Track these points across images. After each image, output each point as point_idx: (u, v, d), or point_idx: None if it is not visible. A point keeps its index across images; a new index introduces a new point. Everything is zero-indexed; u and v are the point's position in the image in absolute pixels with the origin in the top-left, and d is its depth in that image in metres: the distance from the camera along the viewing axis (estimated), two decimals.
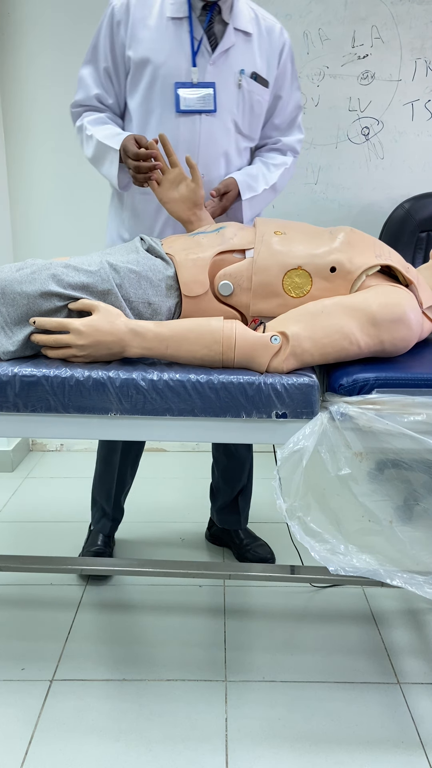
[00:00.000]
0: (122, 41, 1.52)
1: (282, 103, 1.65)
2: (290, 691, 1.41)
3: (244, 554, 1.92)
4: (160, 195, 1.47)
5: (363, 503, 1.10)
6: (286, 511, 1.07)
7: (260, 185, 1.61)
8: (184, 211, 1.46)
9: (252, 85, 1.56)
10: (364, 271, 1.16)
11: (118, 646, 1.55)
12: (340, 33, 2.29)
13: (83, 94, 1.58)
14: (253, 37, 1.56)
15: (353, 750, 1.26)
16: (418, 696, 1.40)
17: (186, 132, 1.53)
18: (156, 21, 1.50)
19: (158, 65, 1.49)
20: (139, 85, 1.53)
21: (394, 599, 1.74)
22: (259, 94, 1.58)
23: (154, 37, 1.49)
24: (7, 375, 1.07)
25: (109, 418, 1.09)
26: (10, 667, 1.48)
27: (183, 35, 1.50)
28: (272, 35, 1.59)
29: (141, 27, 1.50)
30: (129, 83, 1.55)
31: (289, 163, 1.69)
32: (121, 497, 1.91)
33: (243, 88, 1.55)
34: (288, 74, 1.64)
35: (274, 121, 1.67)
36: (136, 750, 1.26)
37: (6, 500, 2.36)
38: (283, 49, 1.61)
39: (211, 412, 1.07)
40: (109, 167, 1.52)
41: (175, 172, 1.45)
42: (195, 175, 1.42)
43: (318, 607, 1.71)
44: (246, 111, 1.58)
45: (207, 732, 1.30)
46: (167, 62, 1.49)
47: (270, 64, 1.59)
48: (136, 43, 1.50)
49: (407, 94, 2.35)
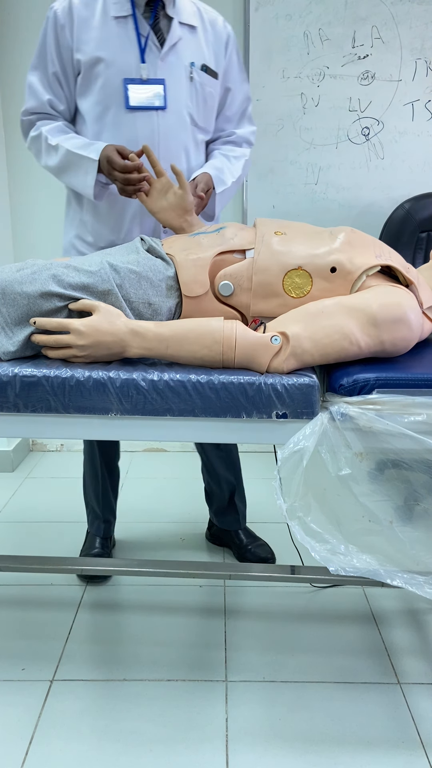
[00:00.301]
0: (68, 45, 1.50)
1: (232, 95, 1.67)
2: (290, 691, 1.41)
3: (244, 554, 1.92)
4: (149, 205, 1.47)
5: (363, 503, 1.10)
6: (287, 511, 1.07)
7: (228, 178, 1.63)
8: (176, 219, 1.47)
9: (203, 77, 1.57)
10: (365, 271, 1.16)
11: (118, 646, 1.55)
12: (340, 33, 2.29)
13: (35, 101, 1.56)
14: (198, 30, 1.57)
15: (354, 750, 1.26)
16: (418, 696, 1.40)
17: (145, 129, 1.53)
18: (100, 21, 1.49)
19: (108, 64, 1.48)
20: (91, 87, 1.51)
21: (395, 599, 1.74)
22: (210, 86, 1.59)
23: (101, 37, 1.49)
24: (7, 375, 1.07)
25: (109, 418, 1.09)
26: (11, 667, 1.48)
27: (129, 33, 1.49)
28: (216, 27, 1.61)
29: (86, 29, 1.49)
30: (80, 86, 1.53)
31: (247, 154, 1.71)
32: (109, 498, 1.91)
33: (195, 81, 1.56)
34: (235, 66, 1.66)
35: (226, 113, 1.68)
36: (136, 750, 1.26)
37: (6, 500, 2.36)
38: (228, 41, 1.63)
39: (211, 412, 1.07)
40: (83, 177, 1.50)
41: (162, 181, 1.45)
42: (181, 181, 1.43)
43: (318, 607, 1.71)
44: (200, 104, 1.59)
45: (207, 732, 1.30)
46: (116, 61, 1.49)
47: (217, 55, 1.60)
48: (83, 45, 1.49)
49: (407, 95, 2.35)
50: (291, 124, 2.39)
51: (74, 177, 1.53)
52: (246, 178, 2.44)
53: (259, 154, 2.42)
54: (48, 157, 1.55)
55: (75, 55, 1.50)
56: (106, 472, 1.88)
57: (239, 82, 1.67)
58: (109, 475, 1.89)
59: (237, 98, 1.68)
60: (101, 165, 1.46)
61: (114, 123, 1.52)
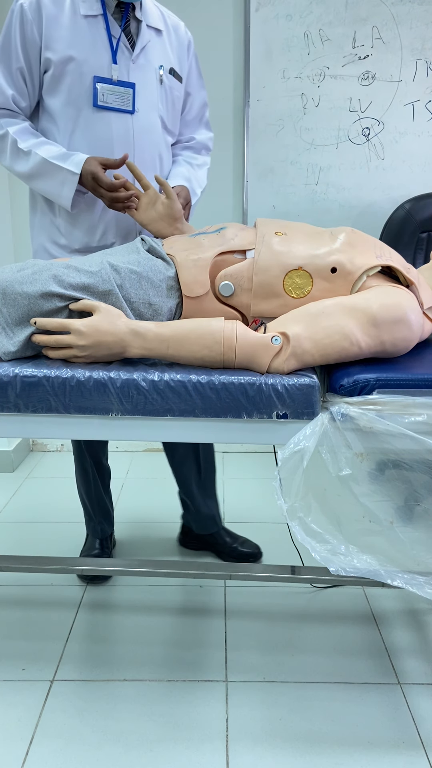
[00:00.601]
0: (36, 41, 1.46)
1: (191, 99, 1.68)
2: (291, 692, 1.41)
3: (231, 554, 1.92)
4: (139, 218, 1.48)
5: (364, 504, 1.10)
6: (287, 512, 1.07)
7: (197, 188, 1.65)
8: (166, 228, 1.48)
9: (171, 80, 1.58)
10: (365, 271, 1.16)
11: (118, 647, 1.55)
12: (340, 34, 2.29)
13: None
14: (164, 33, 1.58)
15: (354, 750, 1.26)
16: (418, 696, 1.40)
17: (119, 130, 1.51)
18: (70, 19, 1.46)
19: (80, 63, 1.46)
20: (61, 85, 1.48)
21: (395, 600, 1.74)
22: (177, 89, 1.61)
23: (71, 35, 1.46)
24: (8, 375, 1.07)
25: (110, 418, 1.09)
26: (11, 667, 1.48)
27: (100, 33, 1.48)
28: (179, 32, 1.62)
29: (55, 26, 1.46)
30: (48, 83, 1.49)
31: (208, 162, 1.74)
32: (102, 498, 1.91)
33: (165, 84, 1.57)
34: (195, 71, 1.67)
35: (186, 117, 1.70)
36: (136, 750, 1.26)
37: (7, 500, 2.36)
38: (189, 45, 1.65)
39: (212, 412, 1.07)
40: (59, 188, 1.47)
41: (149, 193, 1.46)
42: (167, 191, 1.43)
43: (318, 607, 1.71)
44: (169, 107, 1.59)
45: (208, 732, 1.30)
46: (88, 60, 1.47)
47: (181, 60, 1.62)
48: (53, 42, 1.46)
49: (408, 95, 2.35)
50: (291, 124, 2.39)
51: (48, 186, 1.49)
52: (246, 178, 2.44)
53: (259, 155, 2.42)
54: (15, 160, 1.50)
55: (44, 53, 1.46)
56: (96, 472, 1.87)
57: (198, 87, 1.70)
58: (99, 474, 1.88)
59: (196, 103, 1.70)
60: (84, 179, 1.44)
61: (87, 123, 1.50)
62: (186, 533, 2.02)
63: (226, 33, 2.34)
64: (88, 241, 1.59)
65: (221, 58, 2.36)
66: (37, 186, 1.52)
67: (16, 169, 1.52)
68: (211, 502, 1.92)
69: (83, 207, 1.55)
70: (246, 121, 2.39)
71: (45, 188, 1.51)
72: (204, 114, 1.73)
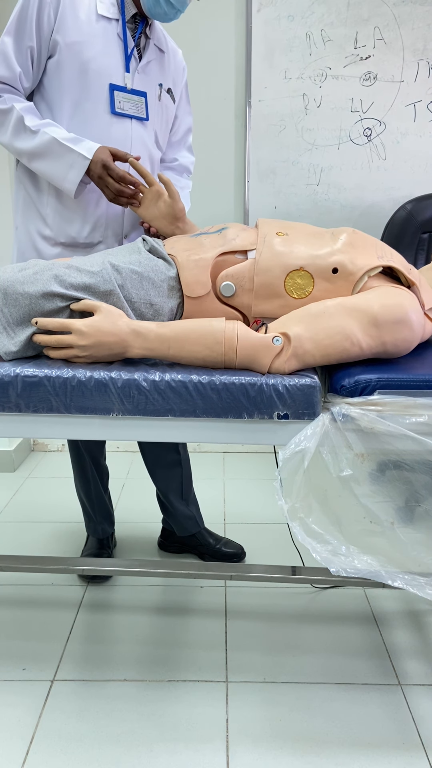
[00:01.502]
0: (50, 22, 1.45)
1: (178, 122, 1.71)
2: (291, 692, 1.41)
3: (215, 554, 1.92)
4: (142, 215, 1.49)
5: (364, 504, 1.10)
6: (288, 512, 1.07)
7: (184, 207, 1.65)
8: (167, 226, 1.49)
9: (167, 99, 1.61)
10: (366, 272, 1.16)
11: (119, 647, 1.55)
12: (342, 34, 2.29)
13: (7, 72, 1.46)
14: (165, 55, 1.60)
15: (354, 751, 1.26)
16: (419, 697, 1.40)
17: (119, 134, 1.52)
18: (86, 13, 1.46)
19: (89, 58, 1.45)
20: (65, 72, 1.46)
21: (396, 600, 1.74)
22: (171, 109, 1.64)
23: (85, 29, 1.46)
24: (9, 375, 1.07)
25: (111, 418, 1.10)
26: (12, 667, 1.48)
27: (114, 37, 1.49)
28: (176, 57, 1.65)
29: (72, 15, 1.45)
30: (52, 67, 1.48)
31: (190, 186, 1.77)
32: (102, 498, 1.91)
33: (162, 102, 1.59)
34: (185, 96, 1.71)
35: (171, 138, 1.72)
36: (137, 750, 1.26)
37: (7, 500, 2.36)
38: (184, 71, 1.68)
39: (212, 412, 1.07)
40: (65, 171, 1.45)
41: (153, 190, 1.46)
42: (171, 190, 1.44)
43: (319, 608, 1.71)
44: (163, 124, 1.62)
45: (208, 733, 1.30)
46: (98, 59, 1.46)
47: (176, 83, 1.65)
48: (65, 28, 1.44)
49: (409, 96, 2.35)
50: (293, 125, 2.39)
51: (53, 167, 1.46)
52: (248, 179, 2.44)
53: (260, 155, 2.42)
54: (17, 137, 1.46)
55: (54, 35, 1.45)
56: (95, 472, 1.87)
57: (185, 113, 1.73)
58: (99, 474, 1.88)
59: (182, 126, 1.73)
60: (93, 167, 1.43)
61: (88, 121, 1.49)
62: (166, 536, 2.00)
63: (227, 34, 2.34)
64: (75, 236, 1.57)
65: (223, 59, 2.36)
66: (40, 166, 1.48)
67: (17, 145, 1.47)
68: (191, 503, 1.92)
69: (74, 202, 1.54)
70: (247, 122, 2.39)
71: (49, 169, 1.47)
72: (188, 139, 1.76)
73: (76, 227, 1.57)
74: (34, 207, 1.60)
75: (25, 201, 1.61)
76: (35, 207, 1.59)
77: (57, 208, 1.56)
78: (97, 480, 1.88)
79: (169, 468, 1.85)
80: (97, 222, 1.57)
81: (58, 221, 1.57)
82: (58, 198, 1.55)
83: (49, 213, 1.57)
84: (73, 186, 1.47)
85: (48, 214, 1.57)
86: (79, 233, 1.57)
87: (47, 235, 1.58)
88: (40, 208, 1.58)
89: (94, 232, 1.57)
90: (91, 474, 1.86)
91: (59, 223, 1.57)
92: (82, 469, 1.86)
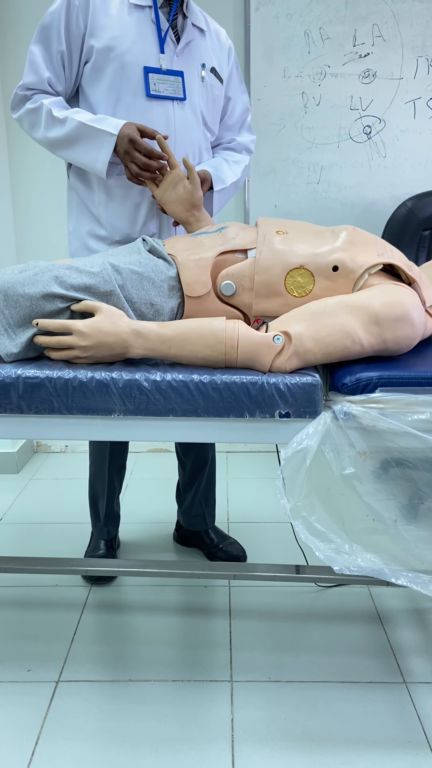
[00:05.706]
0: (80, 28, 1.46)
1: (232, 104, 1.70)
2: (296, 691, 1.41)
3: (216, 554, 1.92)
4: (158, 196, 1.48)
5: (367, 502, 1.09)
6: (291, 511, 1.07)
7: (228, 178, 1.63)
8: (183, 213, 1.47)
9: (212, 79, 1.59)
10: (367, 269, 1.15)
11: (123, 647, 1.55)
12: (341, 32, 2.29)
13: (34, 77, 1.48)
14: (206, 34, 1.59)
15: (359, 749, 1.26)
16: (424, 695, 1.40)
17: (161, 119, 1.51)
18: (118, 8, 1.48)
19: (124, 51, 1.46)
20: (104, 73, 1.48)
21: (400, 598, 1.74)
22: (218, 89, 1.62)
23: (118, 24, 1.47)
24: (10, 377, 1.07)
25: (112, 419, 1.10)
26: (17, 668, 1.48)
27: (147, 23, 1.49)
28: (220, 37, 1.65)
29: (103, 14, 1.46)
30: (90, 72, 1.49)
31: (246, 161, 1.74)
32: (113, 502, 1.91)
33: (206, 82, 1.58)
34: (235, 76, 1.69)
35: (227, 122, 1.71)
36: (142, 750, 1.26)
37: (11, 502, 2.36)
38: (230, 52, 1.67)
39: (214, 412, 1.07)
40: (95, 152, 1.44)
41: (174, 173, 1.45)
42: (192, 176, 1.43)
43: (323, 606, 1.71)
44: (209, 104, 1.60)
45: (213, 732, 1.30)
46: (133, 49, 1.47)
47: (221, 63, 1.63)
48: (98, 30, 1.46)
49: (409, 93, 2.34)
50: (292, 123, 2.38)
51: (83, 151, 1.46)
52: (248, 177, 2.44)
53: (260, 154, 2.42)
54: (49, 129, 1.48)
55: (87, 40, 1.47)
56: (115, 473, 1.88)
57: (239, 92, 1.71)
58: (118, 475, 1.89)
59: (237, 108, 1.71)
60: (120, 142, 1.41)
61: (129, 111, 1.50)
62: (179, 529, 2.04)
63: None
64: (130, 232, 1.58)
65: None
66: (72, 154, 1.49)
67: (50, 135, 1.49)
68: (208, 504, 1.94)
69: (124, 192, 1.54)
70: None
71: (82, 155, 1.47)
72: (246, 118, 1.75)
73: (127, 220, 1.56)
74: (86, 209, 1.61)
75: (78, 205, 1.63)
76: (87, 208, 1.61)
77: (108, 205, 1.57)
78: (114, 480, 1.88)
79: (203, 467, 1.89)
80: (149, 212, 1.57)
81: (111, 219, 1.58)
82: (108, 193, 1.56)
83: (102, 213, 1.58)
84: (103, 167, 1.46)
85: (101, 214, 1.58)
86: (131, 228, 1.57)
87: (102, 235, 1.60)
88: (92, 208, 1.59)
89: (148, 224, 1.58)
90: (108, 476, 1.86)
91: (112, 221, 1.58)
92: (101, 470, 1.86)
